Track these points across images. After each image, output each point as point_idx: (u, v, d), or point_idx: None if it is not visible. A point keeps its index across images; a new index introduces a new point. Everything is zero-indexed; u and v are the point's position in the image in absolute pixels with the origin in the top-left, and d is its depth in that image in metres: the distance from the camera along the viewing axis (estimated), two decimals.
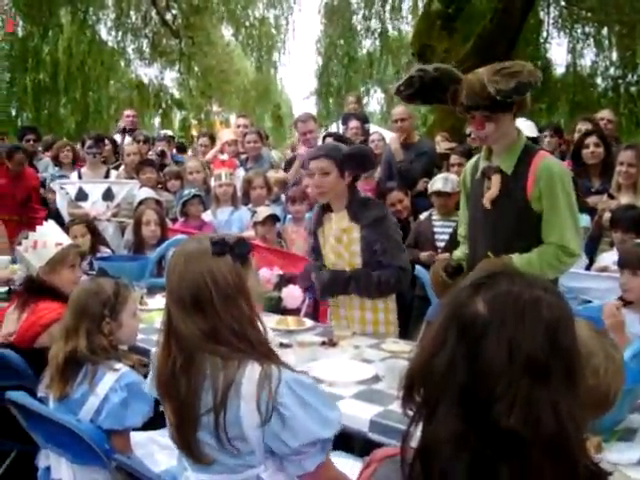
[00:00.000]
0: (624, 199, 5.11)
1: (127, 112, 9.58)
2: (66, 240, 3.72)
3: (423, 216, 5.76)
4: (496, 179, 3.38)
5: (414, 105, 4.33)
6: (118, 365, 2.71)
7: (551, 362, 1.23)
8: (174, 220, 6.30)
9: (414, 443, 1.34)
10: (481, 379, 1.23)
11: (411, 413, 1.36)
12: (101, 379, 2.66)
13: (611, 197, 5.26)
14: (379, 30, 13.50)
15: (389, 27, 13.45)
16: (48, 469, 2.83)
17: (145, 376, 2.57)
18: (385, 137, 7.74)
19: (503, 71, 3.13)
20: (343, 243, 3.97)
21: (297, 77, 38.97)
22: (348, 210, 3.94)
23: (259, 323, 2.12)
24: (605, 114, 7.27)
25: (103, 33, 18.20)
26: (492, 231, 3.43)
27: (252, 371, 1.98)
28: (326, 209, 4.07)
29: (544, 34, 14.34)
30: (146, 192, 6.42)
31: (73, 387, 2.68)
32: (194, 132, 13.60)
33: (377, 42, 13.71)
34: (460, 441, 1.23)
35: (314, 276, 3.99)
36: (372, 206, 3.98)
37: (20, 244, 3.68)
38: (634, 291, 3.40)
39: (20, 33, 17.41)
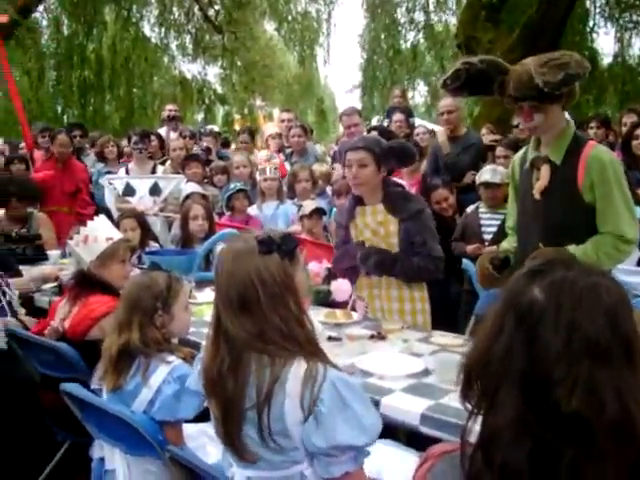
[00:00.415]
0: None
1: (169, 107, 9.65)
2: (116, 235, 3.76)
3: (470, 209, 5.71)
4: (545, 170, 3.35)
5: (461, 97, 4.28)
6: (170, 358, 2.74)
7: (612, 345, 1.23)
8: (220, 214, 6.33)
9: (472, 439, 1.33)
10: (539, 364, 1.24)
11: (469, 407, 1.36)
12: (154, 371, 2.69)
13: None
14: (423, 22, 13.40)
15: (433, 19, 13.35)
16: (102, 460, 2.87)
17: None
18: (431, 130, 7.68)
19: (551, 62, 3.10)
20: (380, 236, 3.99)
21: (339, 71, 38.95)
22: (385, 203, 3.97)
23: (307, 321, 2.11)
24: None
25: (146, 30, 18.41)
26: (542, 222, 3.39)
27: (298, 368, 1.97)
28: (358, 202, 4.08)
29: (590, 23, 14.11)
30: (192, 187, 6.46)
31: (126, 379, 2.71)
32: (237, 127, 13.64)
33: (421, 35, 13.62)
34: (521, 426, 1.24)
35: (360, 254, 3.98)
36: (410, 199, 4.01)
37: (72, 239, 3.73)
38: None
39: (65, 32, 17.67)
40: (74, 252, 3.74)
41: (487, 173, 5.44)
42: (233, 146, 10.07)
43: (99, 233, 3.66)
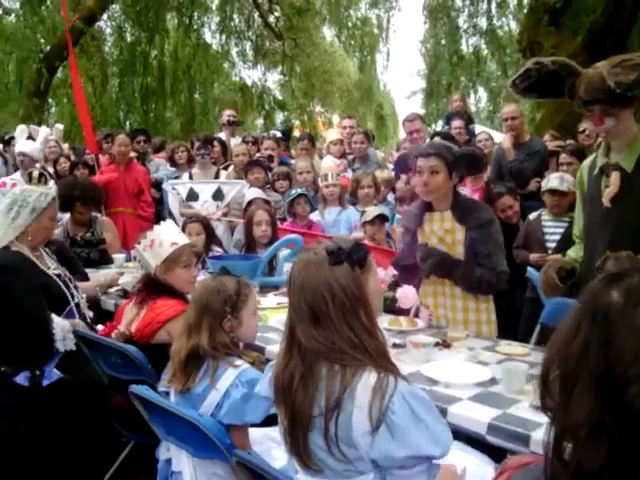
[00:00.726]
0: None
1: (227, 112, 9.74)
2: (182, 240, 3.80)
3: (532, 216, 5.64)
4: (616, 177, 3.26)
5: (530, 98, 4.19)
6: (239, 361, 2.76)
7: None
8: (282, 220, 6.36)
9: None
10: (615, 363, 1.24)
11: (548, 416, 1.35)
12: (222, 375, 2.71)
13: None
14: (485, 28, 13.29)
15: (495, 24, 13.22)
16: (168, 461, 2.89)
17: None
18: (492, 137, 7.61)
19: (624, 63, 3.02)
20: (446, 244, 3.93)
21: (398, 77, 38.89)
22: (453, 211, 3.90)
23: (378, 331, 2.10)
24: None
25: (208, 37, 18.62)
26: (612, 230, 3.31)
27: (368, 378, 1.97)
28: (427, 208, 4.03)
29: None
30: (255, 192, 6.49)
31: (195, 381, 2.74)
32: (296, 133, 13.71)
33: (482, 40, 13.50)
34: (596, 425, 1.24)
35: (420, 255, 3.95)
36: (480, 209, 3.94)
37: (139, 243, 3.78)
38: None
39: (128, 39, 17.97)
40: (141, 256, 3.79)
41: (554, 180, 5.36)
42: (293, 152, 10.09)
43: (164, 238, 3.70)
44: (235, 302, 2.86)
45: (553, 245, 5.37)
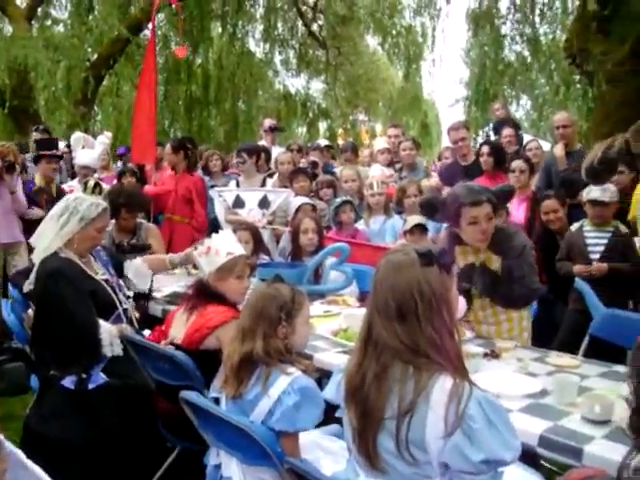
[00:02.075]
0: None
1: (267, 120, 9.81)
2: (238, 250, 3.82)
3: (574, 227, 5.58)
4: None
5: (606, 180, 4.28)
6: (291, 369, 2.77)
7: None
8: (327, 228, 6.36)
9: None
10: None
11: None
12: (274, 381, 2.72)
13: None
14: (529, 35, 13.16)
15: (539, 32, 13.08)
16: (218, 467, 2.91)
17: (317, 381, 2.62)
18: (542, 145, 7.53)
19: None
20: None
21: (441, 84, 38.67)
22: (490, 244, 3.96)
23: (458, 333, 2.16)
24: None
25: (251, 45, 18.66)
26: None
27: (444, 382, 2.00)
28: (457, 241, 4.06)
29: None
30: (302, 199, 6.52)
31: (247, 387, 2.76)
32: (340, 141, 13.72)
33: (527, 48, 13.38)
34: None
35: (476, 276, 3.98)
36: (514, 237, 3.98)
37: (196, 248, 3.83)
38: None
39: (173, 48, 18.12)
40: (197, 262, 3.84)
41: (596, 191, 5.29)
42: (338, 160, 10.12)
43: (221, 246, 3.73)
44: (290, 309, 2.87)
45: (596, 256, 5.31)
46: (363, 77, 19.10)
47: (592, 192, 5.30)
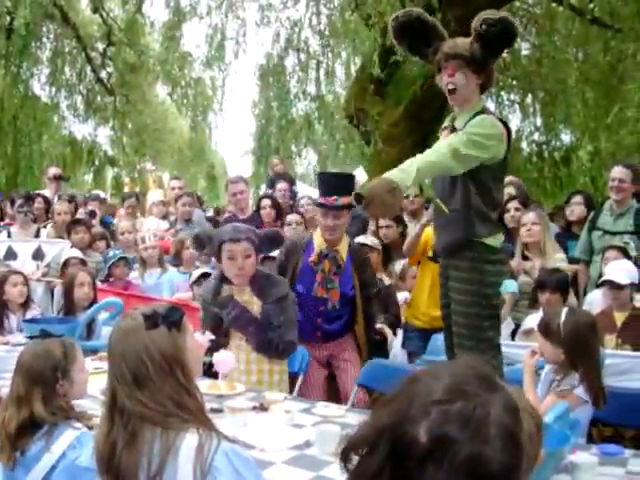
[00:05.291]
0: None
1: (51, 169, 9.44)
2: None
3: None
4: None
5: (401, 48, 4.08)
6: (78, 424, 2.72)
7: None
8: (101, 281, 6.24)
9: None
10: None
11: None
12: (58, 437, 2.65)
13: (526, 258, 5.39)
14: (314, 93, 13.66)
15: (323, 91, 13.61)
16: None
17: None
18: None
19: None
20: None
21: (231, 136, 39.18)
22: (252, 286, 4.17)
23: (196, 390, 2.17)
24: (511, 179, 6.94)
25: (36, 88, 18.02)
26: None
27: (192, 437, 2.01)
28: (224, 281, 4.23)
29: None
30: (73, 252, 6.35)
31: (29, 447, 2.65)
32: (126, 190, 13.51)
33: (312, 105, 13.87)
34: None
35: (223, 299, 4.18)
36: (277, 285, 4.22)
37: None
38: (545, 354, 3.48)
39: None
40: None
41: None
42: (121, 211, 9.94)
43: None
44: (65, 365, 2.81)
45: None
46: (151, 126, 18.91)
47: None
